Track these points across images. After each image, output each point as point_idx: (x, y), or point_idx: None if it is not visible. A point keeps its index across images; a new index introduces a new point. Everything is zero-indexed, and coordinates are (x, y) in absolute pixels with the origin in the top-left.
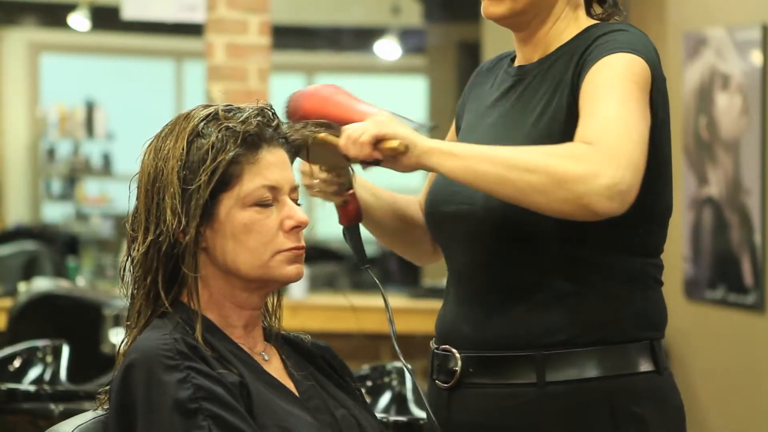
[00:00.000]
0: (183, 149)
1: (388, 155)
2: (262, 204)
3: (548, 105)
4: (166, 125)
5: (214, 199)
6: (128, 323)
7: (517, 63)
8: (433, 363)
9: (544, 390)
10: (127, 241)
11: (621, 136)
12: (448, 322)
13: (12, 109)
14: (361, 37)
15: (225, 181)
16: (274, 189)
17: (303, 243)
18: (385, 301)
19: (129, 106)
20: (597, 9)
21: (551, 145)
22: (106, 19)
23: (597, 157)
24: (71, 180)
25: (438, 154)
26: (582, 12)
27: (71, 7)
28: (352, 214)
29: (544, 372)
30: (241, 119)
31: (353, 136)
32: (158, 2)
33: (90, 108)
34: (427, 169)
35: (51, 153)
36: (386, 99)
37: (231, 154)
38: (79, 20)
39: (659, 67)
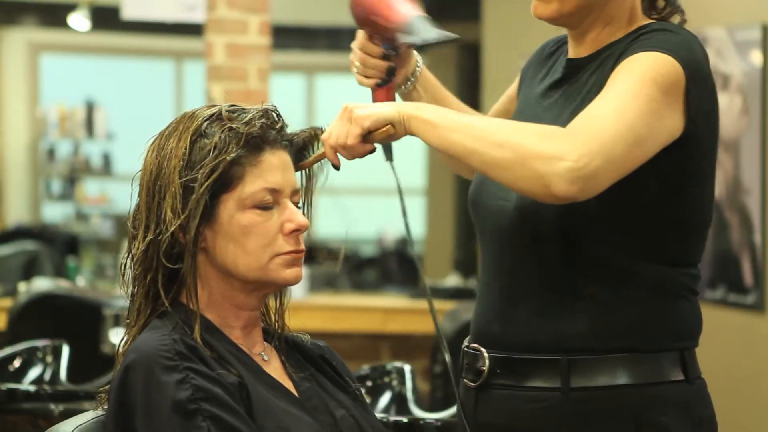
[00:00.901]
0: (186, 149)
1: (382, 141)
2: (263, 206)
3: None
4: (170, 124)
5: (215, 199)
6: (128, 321)
7: (569, 56)
8: (463, 361)
9: (569, 395)
10: (128, 239)
11: (603, 126)
12: (479, 321)
13: (12, 109)
14: None
15: (226, 182)
16: (275, 192)
17: (302, 246)
18: (400, 196)
19: (129, 106)
20: (660, 2)
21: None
22: (106, 19)
23: (567, 141)
24: (71, 180)
25: (418, 122)
26: (638, 12)
27: (71, 7)
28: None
29: (568, 377)
30: (244, 120)
31: (339, 144)
32: (158, 2)
33: (90, 108)
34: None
35: (51, 153)
36: None
37: (233, 155)
38: (79, 20)
39: (702, 71)
